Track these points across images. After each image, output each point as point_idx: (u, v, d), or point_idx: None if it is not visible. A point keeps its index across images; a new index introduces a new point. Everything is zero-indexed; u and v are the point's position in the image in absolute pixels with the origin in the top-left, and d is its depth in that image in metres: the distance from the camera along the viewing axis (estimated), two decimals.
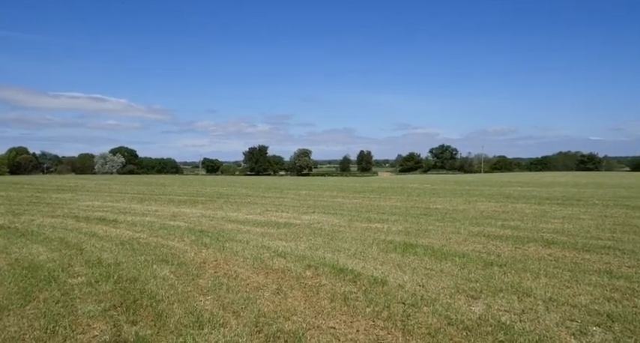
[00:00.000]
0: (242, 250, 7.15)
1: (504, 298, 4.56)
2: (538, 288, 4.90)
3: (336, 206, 15.42)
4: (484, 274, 5.59)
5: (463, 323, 3.82)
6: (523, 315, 4.03)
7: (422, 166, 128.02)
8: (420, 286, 5.03)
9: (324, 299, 4.56)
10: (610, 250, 7.05)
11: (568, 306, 4.27)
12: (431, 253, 6.93)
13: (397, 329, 3.73)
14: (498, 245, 7.71)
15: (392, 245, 7.65)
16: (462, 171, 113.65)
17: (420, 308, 4.21)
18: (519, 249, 7.29)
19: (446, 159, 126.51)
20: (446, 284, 5.12)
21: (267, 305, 4.39)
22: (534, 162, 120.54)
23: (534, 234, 8.86)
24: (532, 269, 5.81)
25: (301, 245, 7.72)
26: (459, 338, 3.51)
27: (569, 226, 9.96)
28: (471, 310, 4.18)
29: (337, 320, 3.96)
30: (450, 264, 6.17)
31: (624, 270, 5.74)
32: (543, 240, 8.04)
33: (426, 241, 8.07)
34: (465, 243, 7.88)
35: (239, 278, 5.43)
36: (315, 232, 9.23)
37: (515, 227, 9.91)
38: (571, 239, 8.19)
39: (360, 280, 5.24)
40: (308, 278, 5.35)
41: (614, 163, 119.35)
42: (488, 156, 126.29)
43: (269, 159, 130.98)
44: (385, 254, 6.93)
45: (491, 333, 3.58)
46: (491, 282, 5.17)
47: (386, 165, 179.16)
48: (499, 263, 6.23)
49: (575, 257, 6.62)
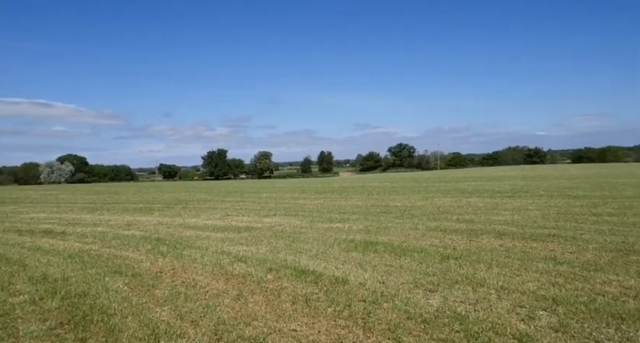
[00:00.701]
0: (201, 257, 6.96)
1: (460, 289, 4.73)
2: (491, 278, 5.12)
3: (298, 207, 15.39)
4: (441, 267, 5.77)
5: (421, 316, 3.91)
6: (477, 305, 4.20)
7: (381, 165, 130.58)
8: (381, 283, 5.11)
9: (286, 302, 4.53)
10: (554, 238, 7.50)
11: (518, 293, 4.49)
12: (391, 250, 7.07)
13: (358, 327, 3.76)
14: (454, 238, 7.99)
15: (353, 244, 7.73)
16: (420, 168, 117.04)
17: (381, 305, 4.28)
18: (473, 242, 7.59)
19: (404, 158, 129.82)
20: (405, 279, 5.23)
21: (227, 311, 4.29)
22: (486, 157, 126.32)
23: (487, 226, 9.27)
24: (485, 260, 6.06)
25: (262, 248, 7.63)
26: (417, 331, 3.59)
27: (518, 217, 10.51)
28: (428, 303, 4.29)
29: (299, 323, 3.94)
30: (409, 260, 6.31)
31: (567, 256, 6.13)
32: (495, 232, 8.42)
33: (385, 238, 8.23)
34: (423, 239, 8.10)
35: (198, 286, 5.28)
36: (277, 235, 9.16)
37: (469, 220, 10.32)
38: (520, 229, 8.64)
39: (322, 281, 5.25)
40: (269, 282, 5.29)
41: (558, 156, 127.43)
42: (444, 153, 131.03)
43: (229, 162, 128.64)
44: (346, 253, 6.99)
45: (447, 324, 3.69)
46: (447, 275, 5.34)
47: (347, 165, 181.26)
48: (455, 256, 6.46)
49: (524, 246, 6.99)
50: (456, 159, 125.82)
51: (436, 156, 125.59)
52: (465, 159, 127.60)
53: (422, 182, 31.43)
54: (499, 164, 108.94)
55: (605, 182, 22.69)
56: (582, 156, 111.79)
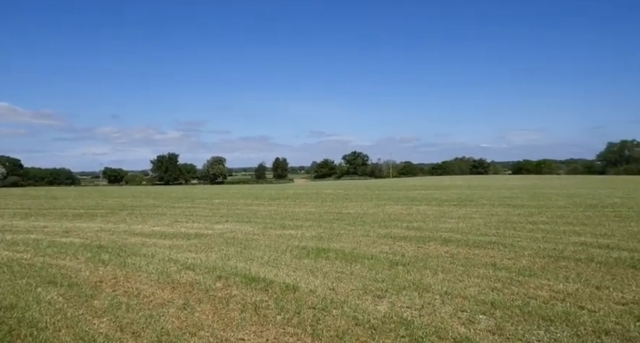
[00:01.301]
0: (146, 265, 6.65)
1: (407, 295, 4.87)
2: (436, 284, 5.32)
3: (251, 214, 15.18)
4: (390, 274, 5.92)
5: (369, 322, 3.98)
6: (422, 310, 4.34)
7: (336, 172, 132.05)
8: (331, 290, 5.14)
9: (235, 310, 4.43)
10: (495, 245, 7.95)
11: (460, 298, 4.70)
12: (342, 257, 7.15)
13: (307, 334, 3.76)
14: (403, 245, 8.23)
15: (305, 251, 7.74)
16: (373, 176, 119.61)
17: (330, 312, 4.30)
18: (421, 248, 7.86)
19: (358, 166, 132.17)
20: (355, 286, 5.31)
21: (171, 321, 4.13)
22: (435, 167, 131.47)
23: (434, 233, 9.64)
24: (431, 267, 6.29)
25: (212, 256, 7.43)
26: (365, 337, 3.65)
27: (463, 225, 11.03)
28: (377, 309, 4.38)
29: (247, 331, 3.87)
30: (360, 266, 6.42)
31: (505, 262, 6.51)
32: (442, 239, 8.78)
33: (337, 245, 8.31)
34: (374, 245, 8.27)
35: (141, 295, 5.04)
36: (228, 242, 8.97)
37: (418, 228, 10.68)
38: (464, 236, 9.06)
39: (272, 288, 5.20)
40: (218, 290, 5.16)
41: (500, 167, 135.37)
42: (396, 162, 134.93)
43: (180, 167, 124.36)
44: (298, 260, 6.97)
45: (394, 330, 3.79)
46: (396, 281, 5.49)
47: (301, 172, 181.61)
48: (403, 262, 6.65)
49: (467, 253, 7.33)
50: (407, 168, 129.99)
51: (388, 164, 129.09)
52: (415, 168, 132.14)
53: (374, 190, 32.14)
54: (447, 173, 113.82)
55: (541, 192, 24.40)
56: (521, 168, 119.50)
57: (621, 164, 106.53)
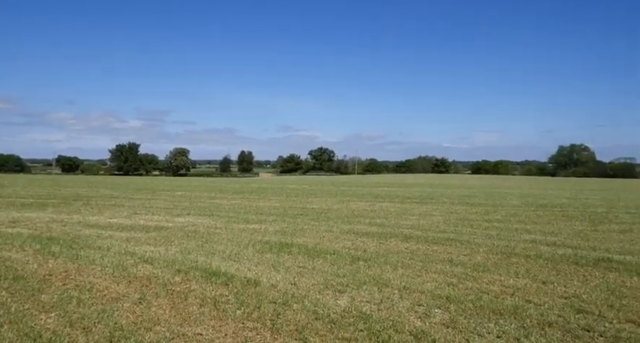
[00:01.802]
0: (100, 258, 6.39)
1: (367, 290, 4.96)
2: (395, 279, 5.45)
3: (214, 207, 14.92)
4: (351, 269, 6.00)
5: (329, 316, 4.03)
6: (381, 304, 4.44)
7: (302, 167, 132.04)
8: (292, 284, 5.16)
9: (193, 304, 4.35)
10: (452, 242, 8.24)
11: (418, 293, 4.84)
12: (305, 251, 7.17)
13: (266, 329, 3.75)
14: (365, 241, 8.37)
15: (268, 245, 7.71)
16: (339, 172, 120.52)
17: (291, 306, 4.32)
18: (383, 244, 8.02)
19: (324, 161, 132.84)
20: (316, 280, 5.35)
21: (126, 316, 4.00)
22: (399, 164, 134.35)
23: (396, 230, 9.86)
24: (392, 262, 6.44)
25: (172, 249, 7.25)
26: (324, 331, 3.69)
27: (424, 222, 11.35)
28: (337, 304, 4.43)
29: (205, 326, 3.81)
30: (322, 261, 6.47)
31: (461, 258, 6.77)
32: (402, 235, 8.99)
33: (301, 240, 8.33)
34: (337, 241, 8.36)
35: (94, 289, 4.84)
36: (189, 235, 8.78)
37: (380, 224, 10.89)
38: (424, 233, 9.33)
39: (233, 282, 5.14)
40: (176, 284, 5.05)
41: (460, 167, 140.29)
42: (362, 159, 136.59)
43: (141, 157, 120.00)
44: (261, 254, 6.94)
45: (353, 324, 3.85)
46: (356, 276, 5.58)
47: (267, 166, 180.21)
48: (365, 258, 6.76)
49: (426, 249, 7.56)
50: (373, 165, 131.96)
51: (354, 161, 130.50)
52: (380, 165, 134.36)
53: (339, 186, 32.43)
54: (411, 171, 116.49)
55: (497, 192, 25.51)
56: (480, 168, 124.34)
57: (570, 167, 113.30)
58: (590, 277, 5.60)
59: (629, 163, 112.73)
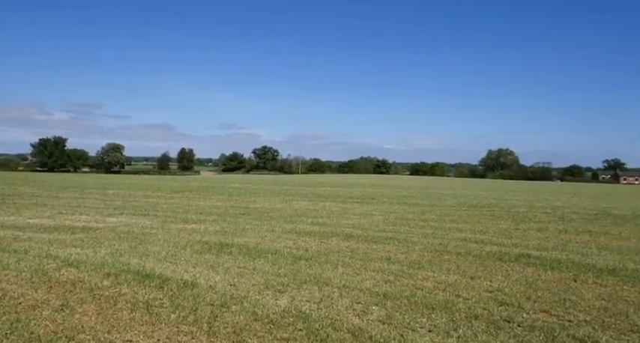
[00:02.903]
0: (16, 262, 5.82)
1: (307, 289, 4.98)
2: (336, 277, 5.54)
3: (150, 207, 14.20)
4: (292, 268, 6.00)
5: (268, 317, 3.99)
6: (321, 303, 4.48)
7: (245, 166, 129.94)
8: (232, 285, 5.05)
9: (123, 310, 4.10)
10: (391, 240, 8.54)
11: (357, 291, 4.96)
12: (245, 252, 7.06)
13: (202, 332, 3.63)
14: (307, 240, 8.41)
15: (207, 246, 7.48)
16: (283, 171, 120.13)
17: (229, 308, 4.22)
18: (324, 243, 8.11)
19: (268, 160, 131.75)
20: (257, 281, 5.28)
21: (44, 325, 3.67)
22: (342, 165, 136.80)
23: (337, 229, 10.02)
24: (332, 261, 6.53)
25: (101, 251, 6.79)
26: (263, 332, 3.65)
27: (364, 221, 11.65)
28: (277, 304, 4.41)
29: (136, 332, 3.60)
30: (263, 261, 6.40)
31: (399, 256, 7.03)
32: (344, 235, 9.16)
33: (242, 240, 8.18)
34: (279, 240, 8.32)
35: (7, 297, 4.39)
36: (121, 236, 8.27)
37: (322, 223, 11.01)
38: (364, 232, 9.58)
39: (169, 285, 4.92)
40: (105, 289, 4.73)
41: (400, 168, 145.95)
42: (306, 159, 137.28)
43: (68, 153, 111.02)
44: (199, 255, 6.71)
45: (292, 324, 3.85)
46: (297, 276, 5.58)
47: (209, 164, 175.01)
48: (306, 257, 6.79)
49: (366, 248, 7.76)
50: (316, 164, 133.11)
51: (298, 160, 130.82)
52: (324, 165, 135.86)
53: (283, 185, 32.33)
54: (353, 172, 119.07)
55: (433, 193, 26.87)
56: (418, 169, 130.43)
57: (497, 169, 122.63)
58: (511, 272, 6.08)
59: (547, 167, 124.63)
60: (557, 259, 6.92)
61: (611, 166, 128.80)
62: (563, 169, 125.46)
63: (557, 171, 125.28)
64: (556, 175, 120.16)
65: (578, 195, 29.44)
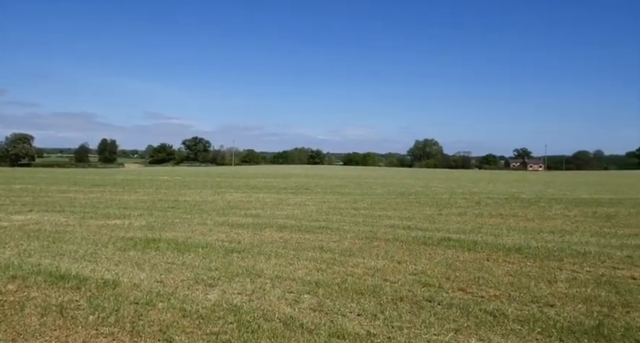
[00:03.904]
0: None
1: (239, 282, 4.92)
2: (268, 269, 5.52)
3: (66, 202, 13.03)
4: (224, 261, 5.88)
5: (198, 312, 3.88)
6: (253, 295, 4.45)
7: (174, 158, 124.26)
8: (158, 282, 4.82)
9: (33, 315, 3.74)
10: (323, 229, 8.70)
11: (289, 280, 4.99)
12: (174, 246, 6.78)
13: (125, 332, 3.43)
14: (240, 232, 8.28)
15: (132, 242, 7.06)
16: (215, 163, 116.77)
17: (155, 306, 4.03)
18: (257, 235, 8.04)
19: (199, 152, 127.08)
20: (186, 276, 5.10)
21: None
22: (277, 156, 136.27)
23: (271, 220, 9.99)
24: (265, 252, 6.50)
25: (6, 252, 6.11)
26: (191, 328, 3.54)
27: (298, 211, 11.73)
28: (207, 298, 4.30)
29: (47, 338, 3.30)
30: (193, 256, 6.19)
31: (331, 245, 7.20)
32: (277, 225, 9.15)
33: (170, 235, 7.84)
34: (210, 234, 8.09)
35: None
36: (31, 235, 7.51)
37: (256, 215, 10.90)
38: (298, 222, 9.65)
39: (87, 285, 4.57)
40: (10, 294, 4.26)
41: (333, 158, 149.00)
42: (239, 150, 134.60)
43: None
44: (122, 252, 6.32)
45: (222, 317, 3.78)
46: (229, 269, 5.48)
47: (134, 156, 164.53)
48: (239, 249, 6.69)
49: (299, 238, 7.83)
50: (250, 156, 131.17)
51: (231, 152, 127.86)
52: (258, 156, 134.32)
53: (215, 177, 31.41)
54: (288, 163, 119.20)
55: (364, 182, 27.79)
56: (351, 160, 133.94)
57: (424, 159, 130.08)
58: (434, 254, 6.51)
59: (467, 156, 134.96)
60: (474, 241, 7.53)
61: (520, 155, 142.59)
62: (481, 158, 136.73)
63: (475, 159, 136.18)
64: (474, 163, 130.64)
65: (493, 181, 32.21)
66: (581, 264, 5.85)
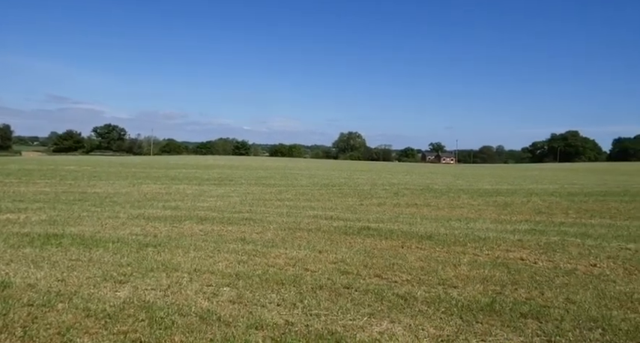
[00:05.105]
0: None
1: (154, 277, 4.66)
2: (186, 262, 5.31)
3: None
4: (137, 256, 5.53)
5: (105, 311, 3.60)
6: (168, 290, 4.25)
7: (84, 146, 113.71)
8: (60, 281, 4.39)
9: None
10: (247, 221, 8.57)
11: (208, 274, 4.85)
12: (80, 242, 6.22)
13: (15, 338, 3.07)
14: (157, 226, 7.85)
15: (28, 238, 6.34)
16: (132, 153, 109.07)
17: (54, 307, 3.66)
18: (176, 228, 7.68)
19: (113, 140, 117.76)
20: (92, 273, 4.71)
21: None
22: (200, 146, 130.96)
23: (191, 212, 9.60)
24: (184, 246, 6.24)
25: None
26: (96, 328, 3.28)
27: (221, 203, 11.42)
28: (116, 296, 4.01)
29: None
30: (102, 251, 5.74)
31: (254, 236, 7.13)
32: (198, 218, 8.83)
33: (76, 229, 7.17)
34: (123, 227, 7.56)
35: None
36: None
37: (175, 207, 10.39)
38: (220, 214, 9.40)
39: None
40: None
41: (259, 149, 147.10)
42: (159, 139, 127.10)
43: None
44: (16, 250, 5.65)
45: (133, 315, 3.56)
46: (143, 264, 5.17)
47: (34, 144, 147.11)
48: (154, 243, 6.34)
49: (221, 230, 7.63)
50: (171, 145, 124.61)
51: (150, 141, 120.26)
52: (179, 146, 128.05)
53: (131, 167, 29.30)
54: (212, 153, 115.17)
55: (290, 173, 27.88)
56: (277, 151, 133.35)
57: (348, 151, 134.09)
58: (354, 243, 6.76)
59: (388, 149, 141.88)
60: (391, 229, 7.96)
61: (434, 149, 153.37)
62: (401, 151, 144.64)
63: (396, 152, 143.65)
64: (395, 156, 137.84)
65: (410, 173, 34.26)
66: (481, 248, 6.48)
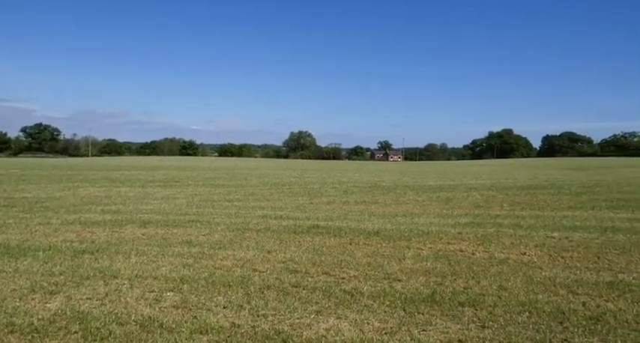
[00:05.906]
0: None
1: (90, 286, 4.39)
2: (127, 268, 5.05)
3: None
4: (72, 264, 5.18)
5: (32, 325, 3.33)
6: (106, 298, 4.02)
7: (10, 147, 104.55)
8: None
9: None
10: (193, 223, 8.31)
11: (150, 279, 4.64)
12: (4, 252, 5.72)
13: None
14: (95, 231, 7.40)
15: None
16: (67, 154, 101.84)
17: None
18: (116, 233, 7.28)
19: (45, 141, 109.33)
20: (18, 285, 4.34)
21: None
22: (144, 146, 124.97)
23: (133, 216, 9.14)
24: (124, 251, 5.93)
25: None
26: None
27: (166, 206, 10.98)
28: (45, 308, 3.72)
29: None
30: (31, 260, 5.32)
31: (200, 238, 6.92)
32: (140, 221, 8.42)
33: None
34: (55, 234, 7.05)
35: None
36: None
37: (115, 211, 9.84)
38: (165, 217, 9.03)
39: None
40: None
41: (208, 149, 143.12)
42: (98, 139, 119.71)
43: None
44: None
45: (64, 327, 3.32)
46: (78, 272, 4.85)
47: None
48: (92, 250, 5.97)
49: (165, 233, 7.34)
50: (112, 146, 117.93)
51: (87, 141, 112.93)
52: (121, 147, 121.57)
53: (66, 170, 27.33)
54: (157, 154, 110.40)
55: (240, 173, 27.40)
56: (226, 151, 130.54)
57: (298, 150, 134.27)
58: (303, 242, 6.77)
59: (338, 148, 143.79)
60: (340, 227, 8.07)
61: (383, 147, 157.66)
62: (350, 149, 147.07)
63: (345, 151, 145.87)
64: (345, 155, 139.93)
65: (359, 171, 34.95)
66: (424, 242, 6.76)
